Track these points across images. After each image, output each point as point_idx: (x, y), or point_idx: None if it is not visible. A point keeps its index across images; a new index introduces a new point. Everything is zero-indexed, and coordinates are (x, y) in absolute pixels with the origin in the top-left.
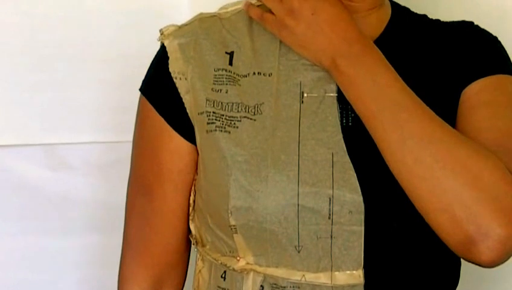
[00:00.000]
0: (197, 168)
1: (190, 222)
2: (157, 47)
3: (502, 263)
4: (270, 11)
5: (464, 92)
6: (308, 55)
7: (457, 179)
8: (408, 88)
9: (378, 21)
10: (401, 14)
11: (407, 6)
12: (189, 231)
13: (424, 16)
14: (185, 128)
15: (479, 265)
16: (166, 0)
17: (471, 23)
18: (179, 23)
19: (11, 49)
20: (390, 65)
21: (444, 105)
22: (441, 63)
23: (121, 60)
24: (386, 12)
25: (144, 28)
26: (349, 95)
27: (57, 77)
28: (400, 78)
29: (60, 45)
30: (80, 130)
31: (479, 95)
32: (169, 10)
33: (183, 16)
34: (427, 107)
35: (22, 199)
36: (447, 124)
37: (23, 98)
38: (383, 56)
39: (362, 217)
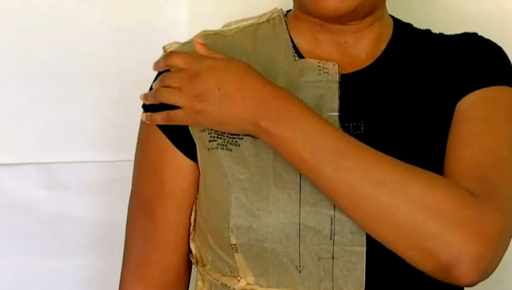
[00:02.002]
0: (198, 187)
1: (190, 241)
2: None
3: (484, 279)
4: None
5: (458, 104)
6: (233, 129)
7: (418, 215)
8: (340, 131)
9: (379, 39)
10: (403, 30)
11: (400, 21)
12: (189, 250)
13: (428, 31)
14: (187, 147)
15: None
16: (164, 17)
17: (474, 34)
18: (177, 41)
19: (6, 66)
20: (315, 111)
21: (443, 119)
22: (441, 77)
23: (118, 78)
24: (387, 30)
25: (141, 45)
26: (284, 155)
27: (53, 94)
28: (329, 122)
29: (57, 62)
30: (76, 149)
31: (470, 108)
32: (167, 27)
33: (181, 33)
34: (367, 147)
35: (17, 218)
36: (394, 160)
37: (18, 116)
38: (304, 104)
39: (364, 238)
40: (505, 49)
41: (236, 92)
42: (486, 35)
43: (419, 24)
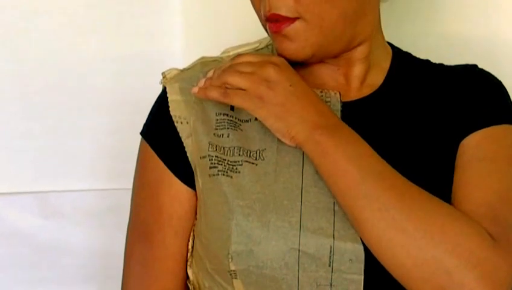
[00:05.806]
0: (196, 214)
1: (188, 267)
2: (152, 93)
3: None
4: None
5: (461, 143)
6: (283, 127)
7: (438, 247)
8: (382, 158)
9: (375, 68)
10: (402, 60)
11: (400, 50)
12: (187, 276)
13: (427, 61)
14: (185, 174)
15: None
16: (160, 47)
17: (475, 66)
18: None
19: (3, 96)
20: (361, 137)
21: (445, 156)
22: (441, 111)
23: (114, 107)
24: (386, 59)
25: (137, 74)
26: (327, 166)
27: (50, 124)
28: (371, 147)
29: (53, 92)
30: (72, 178)
31: (476, 148)
32: (163, 56)
33: (176, 62)
34: (402, 176)
35: (14, 247)
36: (423, 191)
37: (15, 145)
38: (353, 130)
39: (362, 265)
40: (495, 73)
41: (305, 95)
42: (476, 59)
43: (411, 49)
